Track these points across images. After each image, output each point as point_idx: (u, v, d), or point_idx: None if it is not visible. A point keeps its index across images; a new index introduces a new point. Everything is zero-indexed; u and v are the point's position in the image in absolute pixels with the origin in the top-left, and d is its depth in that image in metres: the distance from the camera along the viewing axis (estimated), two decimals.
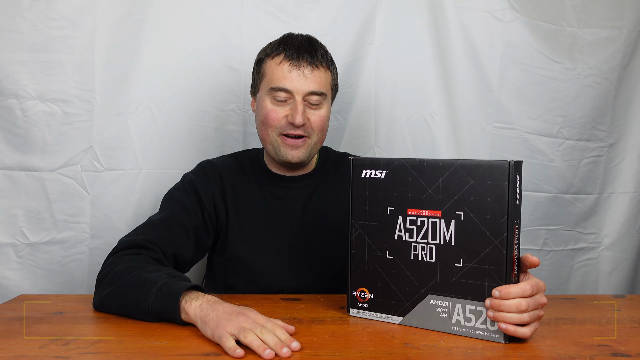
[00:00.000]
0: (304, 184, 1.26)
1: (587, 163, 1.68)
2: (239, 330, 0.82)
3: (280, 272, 1.21)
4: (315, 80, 1.16)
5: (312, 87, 1.15)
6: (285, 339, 0.82)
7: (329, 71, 1.20)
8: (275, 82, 1.15)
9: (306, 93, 1.15)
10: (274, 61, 1.17)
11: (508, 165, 0.83)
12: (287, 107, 1.16)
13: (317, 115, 1.18)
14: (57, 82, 1.42)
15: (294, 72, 1.14)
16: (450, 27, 1.58)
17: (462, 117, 1.62)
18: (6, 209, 1.44)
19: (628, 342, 0.86)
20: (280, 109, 1.16)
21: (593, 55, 1.63)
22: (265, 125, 1.18)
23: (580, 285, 1.74)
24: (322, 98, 1.18)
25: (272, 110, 1.16)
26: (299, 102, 1.15)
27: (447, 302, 0.88)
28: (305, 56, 1.15)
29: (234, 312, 0.86)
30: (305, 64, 1.15)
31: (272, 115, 1.16)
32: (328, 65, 1.20)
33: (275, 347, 0.80)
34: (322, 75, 1.17)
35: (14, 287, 1.44)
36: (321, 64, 1.17)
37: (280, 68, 1.15)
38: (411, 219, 0.91)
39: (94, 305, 1.01)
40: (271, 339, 0.81)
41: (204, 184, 1.22)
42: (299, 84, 1.14)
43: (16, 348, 0.82)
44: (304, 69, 1.15)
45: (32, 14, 1.39)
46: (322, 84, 1.17)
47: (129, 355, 0.79)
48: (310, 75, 1.15)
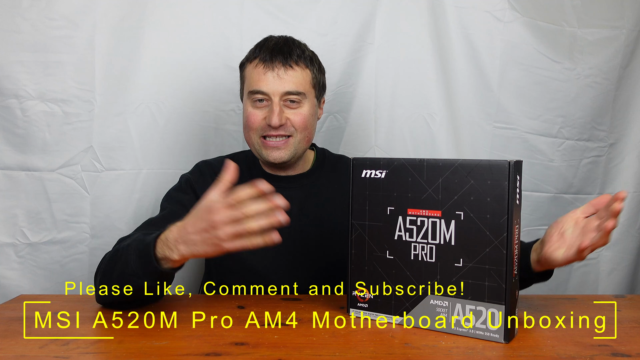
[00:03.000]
0: (299, 184, 1.26)
1: (587, 163, 1.68)
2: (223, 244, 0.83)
3: (277, 272, 1.21)
4: (291, 80, 1.16)
5: (288, 87, 1.16)
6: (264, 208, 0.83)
7: (307, 69, 1.20)
8: (252, 85, 1.18)
9: (282, 94, 1.16)
10: (251, 65, 1.19)
11: (508, 165, 0.83)
12: (265, 110, 1.18)
13: (297, 114, 1.18)
14: (57, 82, 1.42)
15: (269, 73, 1.16)
16: (450, 27, 1.58)
17: (462, 117, 1.62)
18: (6, 209, 1.44)
19: (628, 342, 0.86)
20: (259, 111, 1.18)
21: (593, 55, 1.63)
22: (247, 128, 1.20)
23: (580, 285, 1.74)
24: (301, 97, 1.18)
25: (252, 114, 1.18)
26: (276, 104, 1.16)
27: (447, 302, 0.88)
28: (278, 57, 1.16)
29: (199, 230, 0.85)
30: (278, 65, 1.16)
31: (251, 118, 1.18)
32: (306, 64, 1.20)
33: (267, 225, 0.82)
34: (298, 74, 1.18)
35: (14, 287, 1.45)
36: (296, 63, 1.18)
37: (256, 71, 1.17)
38: (411, 219, 0.91)
39: (96, 299, 1.02)
40: (255, 224, 0.82)
41: (200, 181, 1.22)
42: (273, 86, 1.16)
43: (16, 348, 0.82)
44: (278, 70, 1.16)
45: (32, 14, 1.39)
46: (298, 83, 1.17)
47: (129, 355, 0.79)
48: (285, 75, 1.16)
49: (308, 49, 1.23)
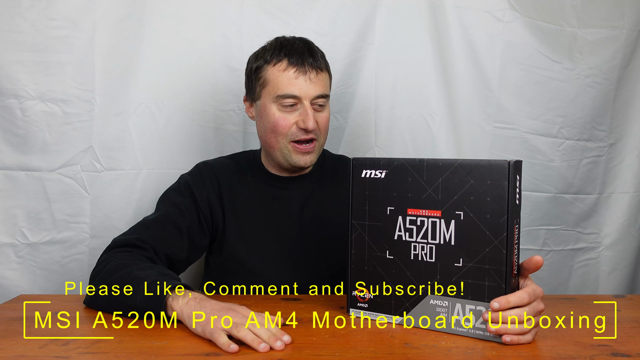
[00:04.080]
0: (301, 185, 1.26)
1: (587, 163, 1.68)
2: (231, 325, 0.82)
3: (277, 272, 1.21)
4: (320, 84, 1.17)
5: (319, 90, 1.16)
6: (277, 332, 0.83)
7: (327, 72, 1.21)
8: (282, 89, 1.15)
9: (314, 97, 1.16)
10: (277, 68, 1.16)
11: (508, 165, 0.83)
12: (295, 113, 1.17)
13: (323, 117, 1.19)
14: (57, 82, 1.42)
15: (301, 77, 1.15)
16: (450, 27, 1.58)
17: (462, 117, 1.62)
18: (6, 209, 1.44)
19: (628, 342, 0.86)
20: (289, 115, 1.16)
21: (593, 55, 1.63)
22: (275, 133, 1.17)
23: (580, 285, 1.74)
24: (326, 100, 1.20)
25: (281, 118, 1.16)
26: (308, 107, 1.15)
27: (447, 302, 0.88)
28: (309, 60, 1.16)
29: (223, 308, 0.87)
30: (310, 68, 1.15)
31: (281, 122, 1.16)
32: (327, 67, 1.21)
33: (269, 340, 0.81)
34: (325, 77, 1.19)
35: (14, 287, 1.44)
36: (323, 65, 1.19)
37: (285, 75, 1.15)
38: (411, 219, 0.91)
39: (84, 302, 1.03)
40: (264, 332, 0.82)
41: (199, 184, 1.22)
42: (307, 89, 1.15)
43: (16, 348, 0.82)
44: (310, 73, 1.15)
45: (32, 14, 1.39)
46: (325, 86, 1.19)
47: (129, 355, 0.79)
48: (316, 79, 1.16)
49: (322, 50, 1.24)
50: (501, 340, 0.83)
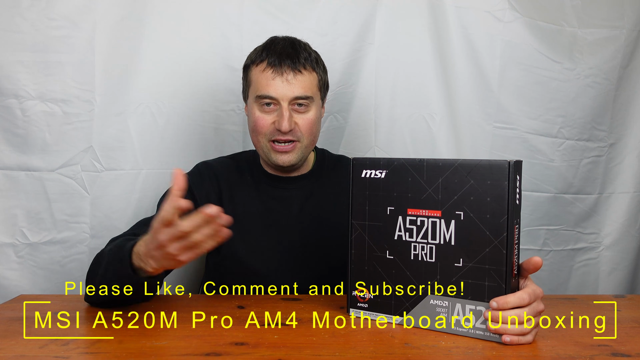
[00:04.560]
0: (300, 185, 1.26)
1: (587, 163, 1.68)
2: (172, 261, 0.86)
3: (277, 272, 1.21)
4: (299, 85, 1.16)
5: (297, 92, 1.16)
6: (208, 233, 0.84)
7: (314, 72, 1.20)
8: (260, 90, 1.17)
9: (291, 99, 1.16)
10: (258, 68, 1.18)
11: (508, 165, 0.83)
12: (274, 114, 1.17)
13: (304, 119, 1.18)
14: (57, 82, 1.42)
15: (277, 79, 1.15)
16: (450, 27, 1.58)
17: (462, 117, 1.62)
18: (6, 209, 1.44)
19: (628, 342, 0.86)
20: (267, 115, 1.18)
21: (593, 55, 1.63)
22: (255, 132, 1.20)
23: (580, 285, 1.74)
24: (309, 101, 1.18)
25: (260, 118, 1.18)
26: (285, 109, 1.16)
27: (447, 302, 0.88)
28: (287, 62, 1.15)
29: (155, 248, 0.87)
30: (287, 69, 1.15)
31: (260, 122, 1.18)
32: (313, 67, 1.19)
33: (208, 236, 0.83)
34: (306, 79, 1.17)
35: (14, 287, 1.44)
36: (304, 67, 1.17)
37: (264, 75, 1.16)
38: (411, 219, 0.91)
39: (85, 298, 1.04)
40: (199, 235, 0.83)
41: (198, 183, 1.22)
42: (283, 91, 1.15)
43: (16, 348, 0.82)
44: (287, 75, 1.15)
45: (32, 14, 1.39)
46: (306, 87, 1.17)
47: (129, 355, 0.79)
48: (294, 80, 1.16)
49: (312, 49, 1.23)
50: (501, 340, 0.83)
